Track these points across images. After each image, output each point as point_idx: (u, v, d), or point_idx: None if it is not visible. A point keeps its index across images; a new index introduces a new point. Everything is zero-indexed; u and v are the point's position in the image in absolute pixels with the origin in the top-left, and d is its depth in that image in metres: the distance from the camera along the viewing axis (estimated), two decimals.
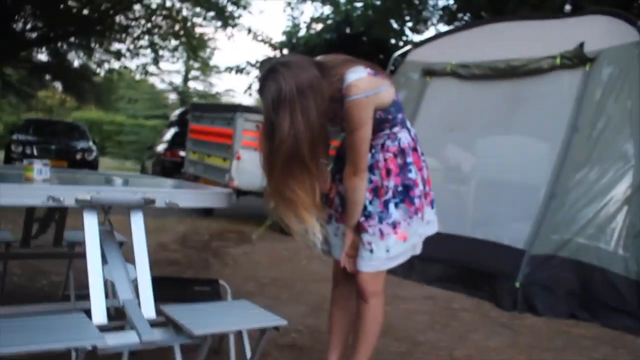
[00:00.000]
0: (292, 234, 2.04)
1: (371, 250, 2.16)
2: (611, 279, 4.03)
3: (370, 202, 2.18)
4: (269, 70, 1.96)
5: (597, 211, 4.25)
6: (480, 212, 5.00)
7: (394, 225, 2.15)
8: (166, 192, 2.29)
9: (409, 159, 2.19)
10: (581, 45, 4.64)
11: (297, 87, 1.90)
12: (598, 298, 4.04)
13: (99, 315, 1.91)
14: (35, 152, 11.79)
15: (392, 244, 2.15)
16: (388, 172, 2.17)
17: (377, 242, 2.15)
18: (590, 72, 4.61)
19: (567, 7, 9.45)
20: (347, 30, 12.66)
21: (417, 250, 2.30)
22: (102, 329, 1.82)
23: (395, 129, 2.19)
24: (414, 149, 2.22)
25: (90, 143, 13.56)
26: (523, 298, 4.15)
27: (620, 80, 4.48)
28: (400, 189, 2.16)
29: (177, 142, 10.79)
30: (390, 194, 2.16)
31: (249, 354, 2.24)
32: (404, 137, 2.20)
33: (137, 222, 2.16)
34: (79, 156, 12.55)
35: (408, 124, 2.26)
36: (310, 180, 1.97)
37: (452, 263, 4.74)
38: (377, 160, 2.17)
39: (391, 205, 2.15)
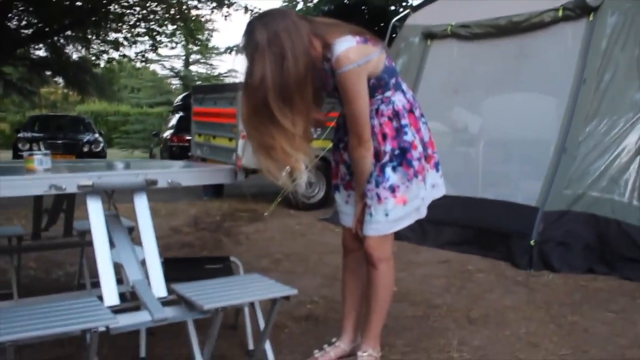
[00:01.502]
0: (274, 179, 2.01)
1: (370, 214, 2.14)
2: (627, 231, 3.98)
3: None
4: (247, 25, 1.97)
5: (609, 163, 4.19)
6: (491, 173, 4.96)
7: (392, 189, 2.13)
8: (168, 172, 2.27)
9: (404, 121, 2.15)
10: None
11: (270, 35, 1.89)
12: (615, 251, 3.99)
13: (111, 297, 1.91)
14: (42, 148, 11.81)
15: (390, 207, 2.13)
16: (384, 137, 2.14)
17: (376, 206, 2.14)
18: (595, 21, 4.51)
19: None
20: (345, 0, 12.49)
21: (422, 214, 2.26)
22: (116, 310, 1.82)
23: (388, 93, 2.15)
24: (410, 111, 2.18)
25: (97, 135, 13.60)
26: (538, 255, 4.12)
27: (626, 28, 4.37)
28: (397, 152, 2.13)
29: (182, 127, 10.76)
30: (387, 157, 2.13)
31: (263, 327, 2.23)
32: (398, 100, 2.16)
33: (141, 204, 2.15)
34: (86, 149, 12.61)
35: (404, 86, 2.21)
36: (292, 125, 1.92)
37: (465, 225, 4.71)
38: (372, 125, 2.13)
39: (388, 169, 2.13)
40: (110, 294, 1.92)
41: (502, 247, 4.39)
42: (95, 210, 2.04)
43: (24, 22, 12.33)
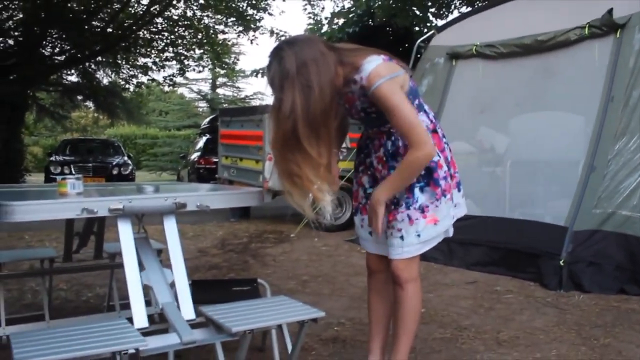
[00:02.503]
0: (297, 207, 2.00)
1: (402, 237, 2.13)
2: None
3: None
4: (274, 49, 1.98)
5: (639, 182, 4.12)
6: (518, 192, 4.91)
7: (422, 209, 2.12)
8: (196, 195, 2.30)
9: None
10: (610, 11, 4.50)
11: (298, 63, 1.89)
12: None
13: (140, 319, 1.94)
14: (73, 171, 12.10)
15: (422, 227, 2.12)
16: None
17: (407, 228, 2.13)
18: (622, 38, 4.47)
19: None
20: (370, 22, 12.57)
21: (449, 233, 2.26)
22: (145, 333, 1.84)
23: None
24: (434, 131, 2.18)
25: (126, 158, 13.85)
26: (568, 276, 4.05)
27: None
28: (423, 172, 2.11)
29: (209, 149, 10.91)
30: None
31: (290, 349, 2.23)
32: (423, 120, 2.16)
33: (171, 227, 2.19)
34: (115, 171, 12.85)
35: (426, 107, 2.23)
36: (318, 154, 1.93)
37: (493, 246, 4.67)
38: (398, 146, 2.14)
39: (416, 190, 2.12)
40: (140, 316, 1.95)
41: (531, 267, 4.33)
42: (125, 233, 2.08)
43: (57, 49, 12.69)
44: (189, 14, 12.42)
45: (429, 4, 12.46)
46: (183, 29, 12.66)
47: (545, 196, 4.76)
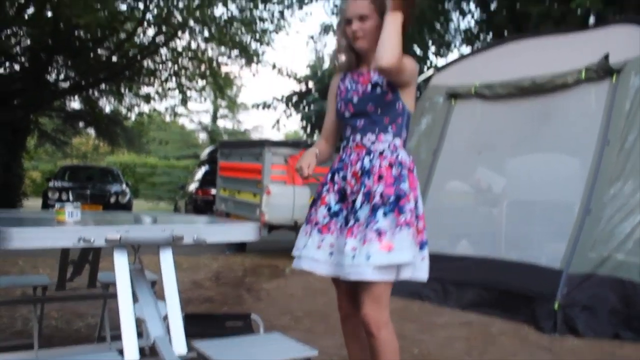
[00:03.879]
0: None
1: (353, 256, 2.06)
2: None
3: (360, 207, 2.14)
4: None
5: (634, 225, 4.13)
6: (514, 234, 4.92)
7: (379, 233, 2.05)
8: (194, 228, 2.31)
9: (404, 172, 2.17)
10: (606, 57, 4.58)
11: None
12: None
13: (131, 351, 1.93)
14: (70, 198, 12.10)
15: (373, 251, 2.03)
16: (380, 178, 2.14)
17: (360, 248, 2.06)
18: (618, 83, 4.54)
19: (591, 20, 9.37)
20: None
21: (418, 277, 2.16)
22: None
23: (397, 142, 2.21)
24: (411, 171, 2.21)
25: (124, 186, 13.86)
26: (563, 319, 4.03)
27: None
28: (392, 199, 2.10)
29: (208, 181, 10.94)
30: (379, 200, 2.10)
31: None
32: (403, 154, 2.21)
33: (167, 260, 2.19)
34: (112, 199, 12.84)
35: (406, 147, 2.29)
36: None
37: (488, 287, 4.65)
38: (373, 165, 2.16)
39: (379, 212, 2.08)
40: (131, 349, 1.93)
41: (525, 309, 4.31)
42: (121, 264, 2.09)
43: (62, 76, 12.83)
44: (194, 45, 12.60)
45: (430, 43, 12.66)
46: (187, 60, 12.82)
47: (541, 238, 4.76)
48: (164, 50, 12.50)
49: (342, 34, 2.26)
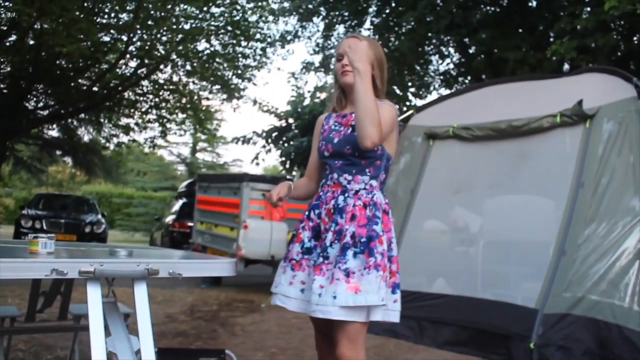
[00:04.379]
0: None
1: (319, 295, 2.07)
2: (629, 336, 3.91)
3: (331, 245, 2.15)
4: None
5: (608, 267, 4.19)
6: (490, 273, 4.95)
7: (347, 274, 2.06)
8: (169, 262, 2.28)
9: (378, 213, 2.18)
10: (580, 102, 4.71)
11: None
12: (616, 357, 3.91)
13: None
14: (44, 226, 11.89)
15: (340, 291, 2.03)
16: (352, 217, 2.15)
17: (327, 287, 2.07)
18: (591, 128, 4.66)
19: (565, 67, 9.65)
20: None
21: (390, 318, 2.15)
22: None
23: (374, 183, 2.23)
24: (385, 212, 2.23)
25: (99, 216, 13.68)
26: (539, 359, 4.04)
27: (621, 135, 4.51)
28: (363, 239, 2.11)
29: (185, 213, 10.88)
30: (349, 240, 2.11)
31: None
32: (378, 195, 2.23)
33: (141, 293, 2.15)
34: (87, 229, 12.65)
35: (383, 189, 2.31)
36: None
37: (464, 325, 4.65)
38: (347, 204, 2.18)
39: (349, 252, 2.09)
40: None
41: (501, 349, 4.31)
42: (94, 297, 2.05)
43: (41, 104, 12.74)
44: (175, 78, 12.62)
45: (409, 84, 12.89)
46: (168, 92, 12.83)
47: (516, 277, 4.80)
48: (145, 82, 12.51)
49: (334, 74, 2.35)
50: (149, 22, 10.36)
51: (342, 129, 2.28)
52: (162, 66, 11.80)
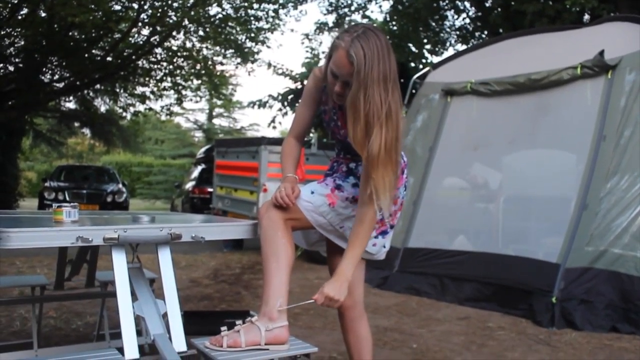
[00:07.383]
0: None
1: (312, 192, 2.16)
2: None
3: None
4: None
5: (631, 220, 4.16)
6: (511, 229, 4.94)
7: (337, 187, 2.16)
8: (191, 226, 2.31)
9: None
10: (601, 53, 4.60)
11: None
12: (639, 309, 3.92)
13: (131, 350, 1.93)
14: (67, 197, 12.08)
15: (318, 191, 2.15)
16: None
17: (315, 185, 2.20)
18: (613, 79, 4.56)
19: (586, 17, 9.40)
20: None
21: (375, 254, 2.27)
22: None
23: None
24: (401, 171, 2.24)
25: (120, 185, 13.84)
26: (561, 313, 4.05)
27: None
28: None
29: (204, 179, 10.95)
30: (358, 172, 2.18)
31: None
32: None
33: (165, 258, 2.19)
34: (109, 199, 12.83)
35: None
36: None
37: (486, 282, 4.67)
38: (358, 171, 2.18)
39: (351, 178, 2.19)
40: (131, 347, 1.93)
41: (523, 304, 4.33)
42: (119, 263, 2.08)
43: (56, 76, 12.77)
44: (189, 45, 12.52)
45: (425, 40, 12.68)
46: (182, 59, 12.76)
47: (537, 233, 4.78)
48: (158, 50, 12.44)
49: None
50: None
51: (342, 131, 2.21)
52: (174, 33, 11.71)
